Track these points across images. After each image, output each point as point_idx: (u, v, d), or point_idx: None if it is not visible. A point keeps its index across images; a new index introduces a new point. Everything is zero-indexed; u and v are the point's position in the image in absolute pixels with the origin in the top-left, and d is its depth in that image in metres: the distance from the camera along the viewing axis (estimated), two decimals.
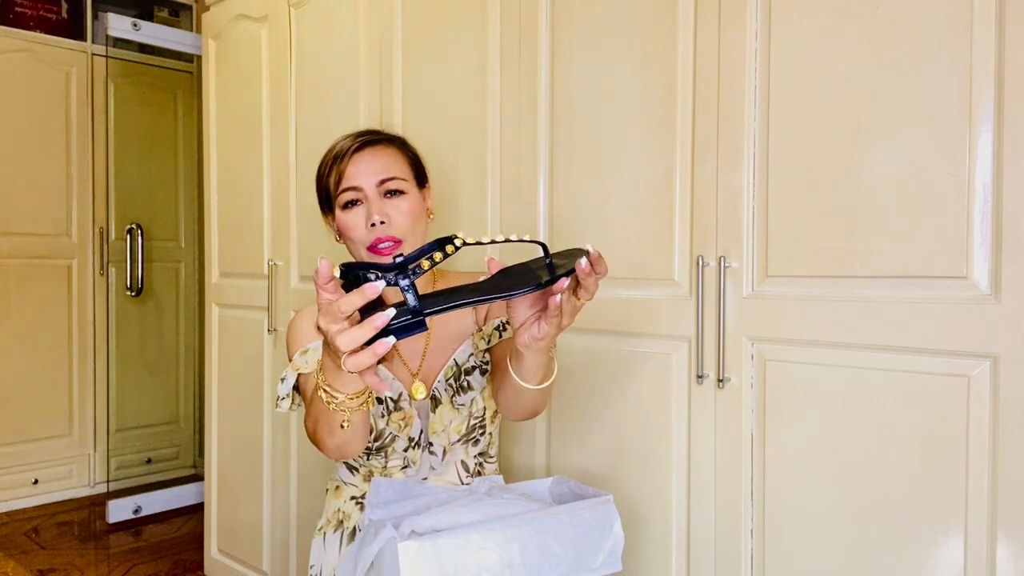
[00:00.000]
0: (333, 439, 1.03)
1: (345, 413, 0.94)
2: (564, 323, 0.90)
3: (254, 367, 2.29)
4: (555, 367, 1.04)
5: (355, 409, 0.94)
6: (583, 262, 0.85)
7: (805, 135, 1.21)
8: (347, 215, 1.18)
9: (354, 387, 0.92)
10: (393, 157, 1.21)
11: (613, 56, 1.44)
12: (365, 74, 1.92)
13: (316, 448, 1.09)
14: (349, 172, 1.17)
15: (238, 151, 2.36)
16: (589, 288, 0.89)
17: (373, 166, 1.18)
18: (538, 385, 1.02)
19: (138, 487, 3.43)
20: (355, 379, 0.91)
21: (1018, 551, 1.04)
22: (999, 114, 1.04)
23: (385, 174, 1.18)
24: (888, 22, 1.13)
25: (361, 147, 1.19)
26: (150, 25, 3.23)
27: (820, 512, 1.21)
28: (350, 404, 0.93)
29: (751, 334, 1.27)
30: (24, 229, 3.38)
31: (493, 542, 0.97)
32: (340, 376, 0.90)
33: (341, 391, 0.92)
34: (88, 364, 3.56)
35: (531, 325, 0.92)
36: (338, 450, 1.06)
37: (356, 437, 1.05)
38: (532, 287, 0.82)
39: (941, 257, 1.08)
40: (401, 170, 1.20)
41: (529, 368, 1.00)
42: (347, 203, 1.18)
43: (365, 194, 1.17)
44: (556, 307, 0.87)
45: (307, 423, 1.09)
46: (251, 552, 2.34)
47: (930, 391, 1.10)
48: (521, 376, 1.01)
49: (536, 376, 1.01)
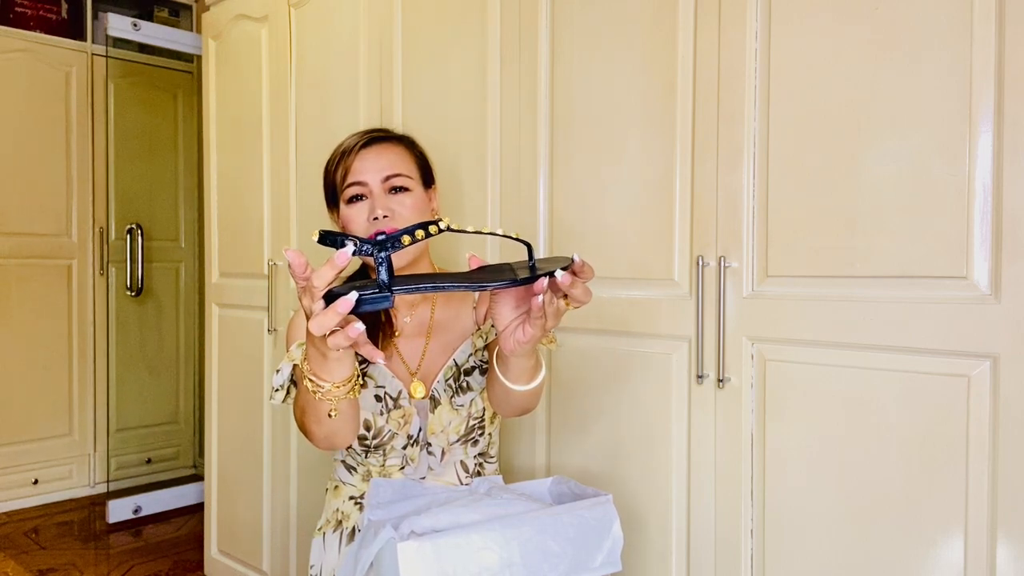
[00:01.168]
0: (321, 428, 1.03)
1: (332, 402, 0.94)
2: (548, 325, 0.90)
3: (254, 367, 2.29)
4: (543, 367, 1.05)
5: (341, 398, 0.93)
6: (559, 274, 0.84)
7: (805, 135, 1.21)
8: (351, 209, 1.19)
9: (340, 375, 0.91)
10: (400, 155, 1.22)
11: (613, 56, 1.44)
12: (365, 74, 1.92)
13: (305, 438, 1.08)
14: (355, 167, 1.19)
15: (238, 151, 2.36)
16: (578, 298, 0.88)
17: (380, 162, 1.19)
18: (526, 386, 1.03)
19: (138, 487, 3.43)
20: (340, 367, 0.91)
21: (1018, 551, 1.04)
22: (999, 114, 1.04)
23: (391, 170, 1.19)
24: (888, 22, 1.12)
25: (369, 143, 1.21)
26: (150, 25, 3.23)
27: (820, 512, 1.21)
28: (336, 393, 0.92)
29: (751, 334, 1.27)
30: (24, 229, 3.38)
31: (493, 542, 0.97)
32: (325, 364, 0.90)
33: (327, 379, 0.91)
34: (88, 364, 3.56)
35: (515, 329, 0.92)
36: (327, 439, 1.06)
37: (345, 427, 1.04)
38: (506, 282, 0.83)
39: (941, 257, 1.08)
40: (407, 168, 1.22)
41: (515, 371, 1.01)
42: (352, 198, 1.19)
43: (370, 189, 1.18)
44: (539, 308, 0.86)
45: (295, 411, 1.09)
46: (251, 552, 2.34)
47: (930, 391, 1.10)
48: (508, 378, 1.01)
49: (523, 377, 1.02)
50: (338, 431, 1.05)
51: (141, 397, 3.60)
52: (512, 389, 1.02)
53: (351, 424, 1.06)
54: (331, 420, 0.98)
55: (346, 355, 0.90)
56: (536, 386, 1.04)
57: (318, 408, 0.97)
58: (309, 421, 1.03)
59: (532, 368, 1.02)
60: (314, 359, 0.90)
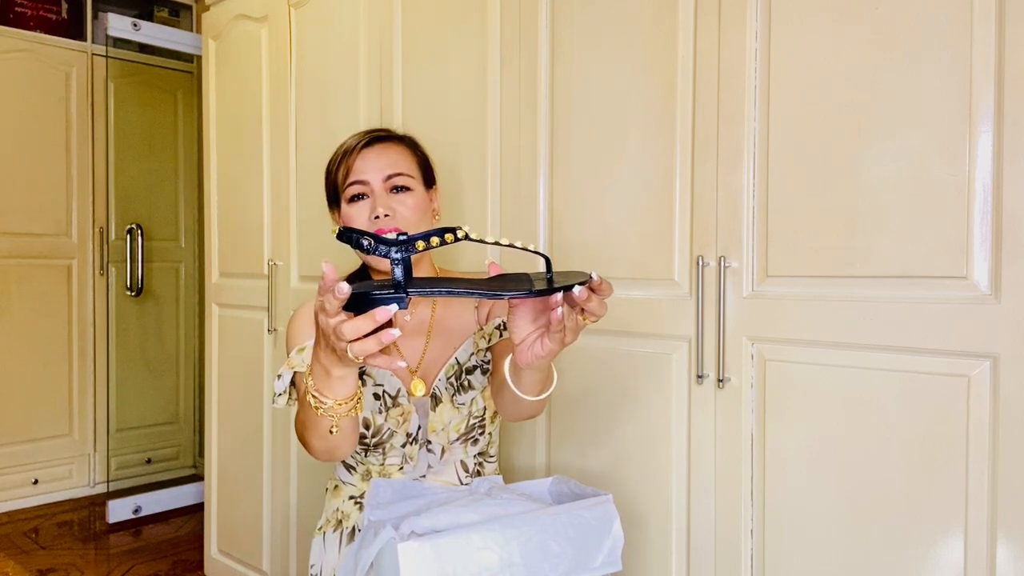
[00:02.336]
0: (322, 443, 1.03)
1: (333, 419, 0.94)
2: (567, 340, 0.88)
3: (254, 367, 2.29)
4: (555, 377, 1.04)
5: (343, 415, 0.94)
6: (576, 290, 0.83)
7: (805, 135, 1.21)
8: (352, 208, 1.19)
9: (343, 393, 0.92)
10: (402, 155, 1.23)
11: (613, 56, 1.44)
12: (365, 74, 1.92)
13: (304, 448, 1.09)
14: (357, 166, 1.19)
15: (238, 151, 2.36)
16: (594, 311, 0.87)
17: (381, 162, 1.19)
18: (537, 396, 1.01)
19: (138, 487, 3.42)
20: (343, 385, 0.91)
21: (1018, 551, 1.04)
22: (999, 114, 1.04)
23: (392, 169, 1.19)
24: (888, 22, 1.13)
25: (370, 143, 1.21)
26: (150, 25, 3.23)
27: (820, 512, 1.21)
28: (338, 410, 0.93)
29: (751, 334, 1.27)
30: (24, 229, 3.38)
31: (493, 542, 0.97)
32: (328, 381, 0.90)
33: (329, 396, 0.92)
34: (88, 364, 3.56)
35: (533, 343, 0.90)
36: (327, 453, 1.07)
37: (345, 442, 1.05)
38: (524, 292, 0.81)
39: (941, 257, 1.08)
40: (408, 167, 1.22)
41: (528, 382, 0.99)
42: (353, 196, 1.19)
43: (371, 188, 1.18)
44: (558, 320, 0.84)
45: (296, 424, 1.09)
46: (251, 552, 2.33)
47: (930, 391, 1.10)
48: (520, 388, 1.00)
49: (535, 389, 1.00)
50: (339, 445, 1.05)
51: (141, 397, 3.60)
52: (523, 399, 1.01)
53: (351, 438, 1.06)
54: (332, 436, 0.99)
55: (350, 374, 0.91)
56: (547, 396, 1.04)
57: (319, 424, 0.97)
58: (310, 436, 1.03)
59: (544, 380, 1.01)
60: (318, 376, 0.90)
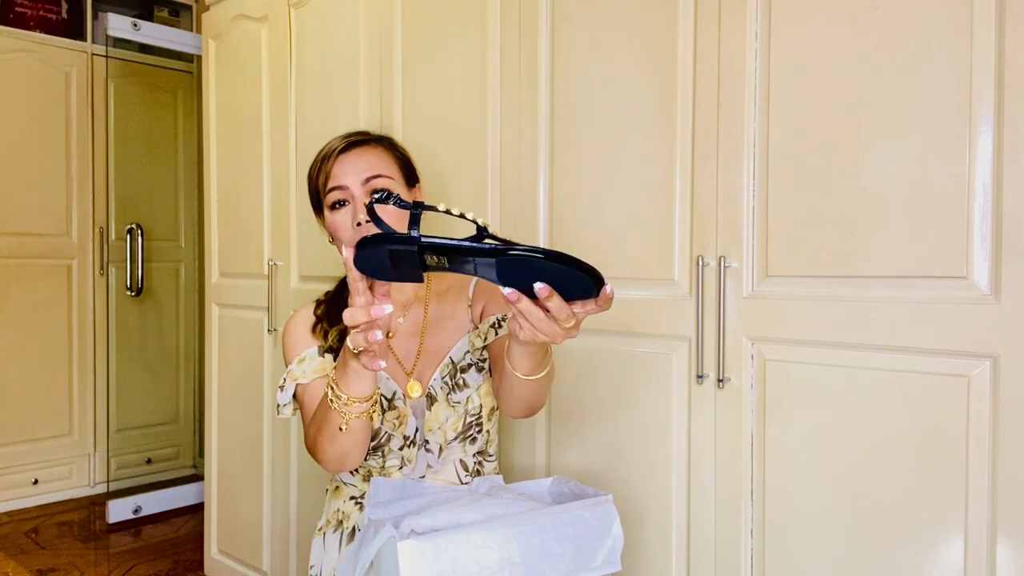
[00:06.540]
0: (333, 447, 1.05)
1: (344, 416, 0.98)
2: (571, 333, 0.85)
3: (254, 367, 2.29)
4: (549, 363, 1.03)
5: (355, 415, 0.98)
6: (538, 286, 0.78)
7: (805, 135, 1.21)
8: (335, 216, 1.19)
9: (358, 390, 0.97)
10: (379, 156, 1.22)
11: (613, 56, 1.44)
12: (365, 74, 1.92)
13: (316, 462, 1.11)
14: (335, 172, 1.18)
15: (238, 151, 2.36)
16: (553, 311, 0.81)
17: (359, 165, 1.19)
18: (527, 376, 0.99)
19: (138, 487, 3.42)
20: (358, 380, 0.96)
21: (1018, 551, 1.04)
22: (999, 114, 1.04)
23: (371, 172, 1.18)
24: (888, 22, 1.13)
25: (347, 147, 1.20)
26: (150, 25, 3.23)
27: (820, 512, 1.21)
28: (351, 408, 0.98)
29: (751, 334, 1.27)
30: (24, 229, 3.38)
31: (493, 541, 0.97)
32: (345, 373, 0.95)
33: (345, 391, 0.97)
34: (88, 364, 3.56)
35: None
36: (338, 460, 1.09)
37: (356, 448, 1.07)
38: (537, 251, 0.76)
39: (941, 257, 1.08)
40: (388, 169, 1.21)
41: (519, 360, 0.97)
42: (335, 203, 1.19)
43: (351, 193, 1.18)
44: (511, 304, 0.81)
45: (307, 436, 1.12)
46: (251, 552, 2.33)
47: (930, 391, 1.10)
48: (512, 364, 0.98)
49: (525, 366, 0.98)
50: (349, 452, 1.07)
51: (141, 397, 3.59)
52: (515, 377, 1.00)
53: (361, 447, 1.09)
54: (343, 439, 1.02)
55: (367, 373, 0.95)
56: (542, 377, 1.01)
57: (333, 420, 1.00)
58: (323, 439, 1.05)
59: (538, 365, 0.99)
60: (340, 365, 0.97)
